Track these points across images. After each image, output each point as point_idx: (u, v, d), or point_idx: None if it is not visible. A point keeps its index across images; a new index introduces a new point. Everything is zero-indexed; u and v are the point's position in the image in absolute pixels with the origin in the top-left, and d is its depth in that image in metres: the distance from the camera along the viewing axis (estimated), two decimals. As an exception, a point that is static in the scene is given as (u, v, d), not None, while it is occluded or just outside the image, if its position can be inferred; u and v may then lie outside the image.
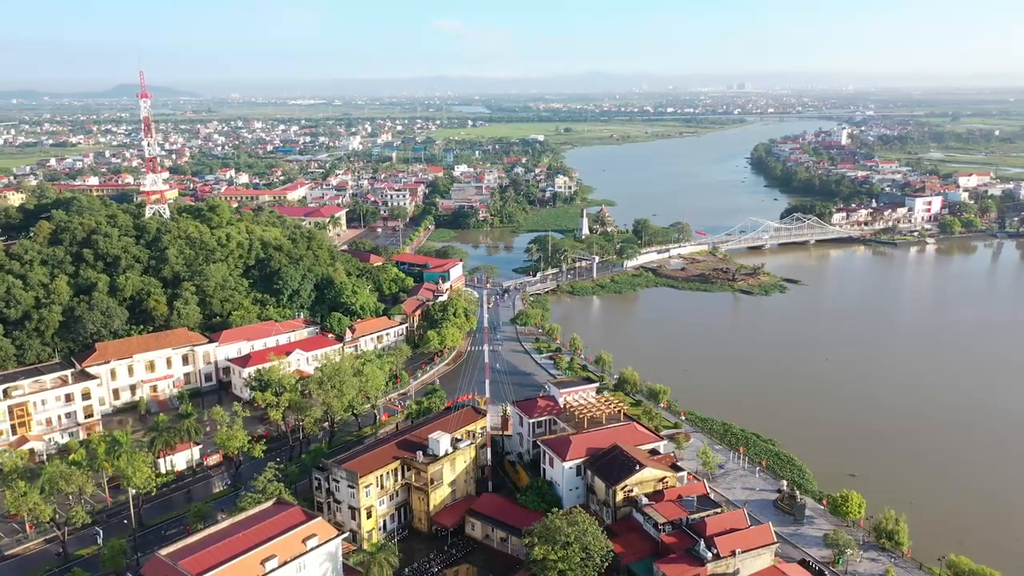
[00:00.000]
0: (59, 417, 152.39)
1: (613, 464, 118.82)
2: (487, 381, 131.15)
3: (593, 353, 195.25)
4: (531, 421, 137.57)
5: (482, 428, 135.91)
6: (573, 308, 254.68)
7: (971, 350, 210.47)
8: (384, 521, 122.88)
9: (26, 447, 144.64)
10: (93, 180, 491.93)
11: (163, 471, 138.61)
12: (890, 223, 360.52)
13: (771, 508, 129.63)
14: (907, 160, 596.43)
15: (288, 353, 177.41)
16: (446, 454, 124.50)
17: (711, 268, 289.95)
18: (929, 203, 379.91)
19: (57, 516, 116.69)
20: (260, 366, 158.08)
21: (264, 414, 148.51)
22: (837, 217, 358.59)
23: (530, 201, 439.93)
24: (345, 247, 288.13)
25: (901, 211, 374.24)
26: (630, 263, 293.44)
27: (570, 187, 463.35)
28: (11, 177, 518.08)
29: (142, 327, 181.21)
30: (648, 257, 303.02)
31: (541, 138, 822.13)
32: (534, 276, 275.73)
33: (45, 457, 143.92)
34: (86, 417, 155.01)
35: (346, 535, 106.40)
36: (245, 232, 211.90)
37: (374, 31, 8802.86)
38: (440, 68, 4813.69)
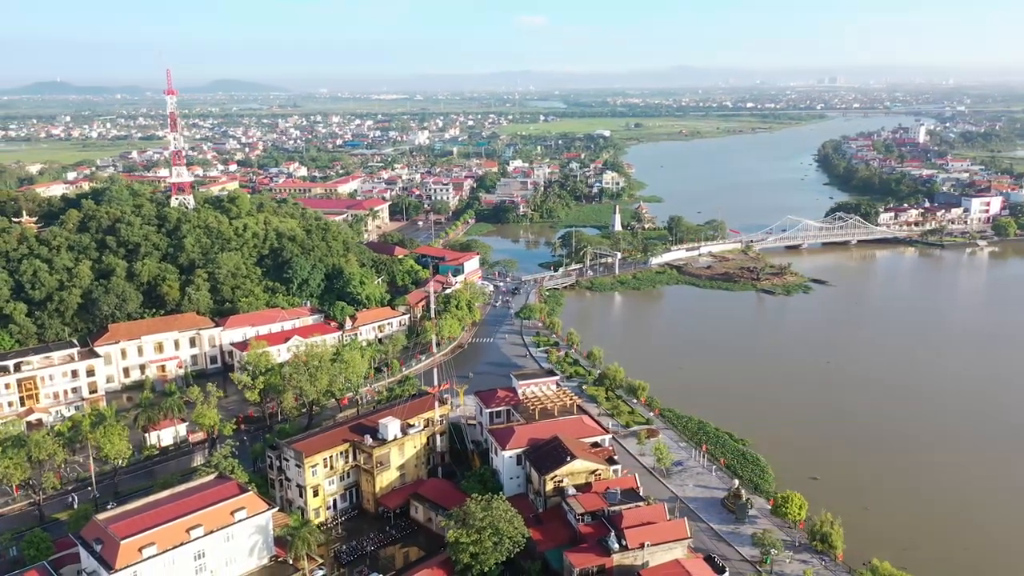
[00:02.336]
0: (65, 391, 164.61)
1: (548, 455, 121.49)
2: (435, 371, 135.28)
3: (589, 348, 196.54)
4: (488, 411, 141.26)
5: (441, 416, 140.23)
6: (586, 304, 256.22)
7: (993, 359, 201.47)
8: (334, 500, 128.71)
9: (33, 418, 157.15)
10: (164, 171, 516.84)
11: (149, 445, 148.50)
12: (942, 224, 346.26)
13: (718, 506, 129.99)
14: (983, 158, 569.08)
15: (287, 339, 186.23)
16: (395, 439, 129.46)
17: (738, 267, 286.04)
18: (987, 204, 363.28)
19: (44, 481, 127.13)
20: (250, 351, 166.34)
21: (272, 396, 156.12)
22: (884, 217, 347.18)
23: (576, 197, 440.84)
24: (375, 239, 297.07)
25: (956, 211, 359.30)
26: (656, 260, 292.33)
27: (618, 183, 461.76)
28: (93, 168, 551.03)
29: (155, 310, 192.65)
30: (676, 254, 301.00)
31: (607, 133, 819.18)
32: (555, 271, 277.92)
33: (50, 428, 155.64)
34: (91, 392, 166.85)
35: (275, 509, 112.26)
36: (262, 223, 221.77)
37: (461, 27, 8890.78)
38: (524, 63, 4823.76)
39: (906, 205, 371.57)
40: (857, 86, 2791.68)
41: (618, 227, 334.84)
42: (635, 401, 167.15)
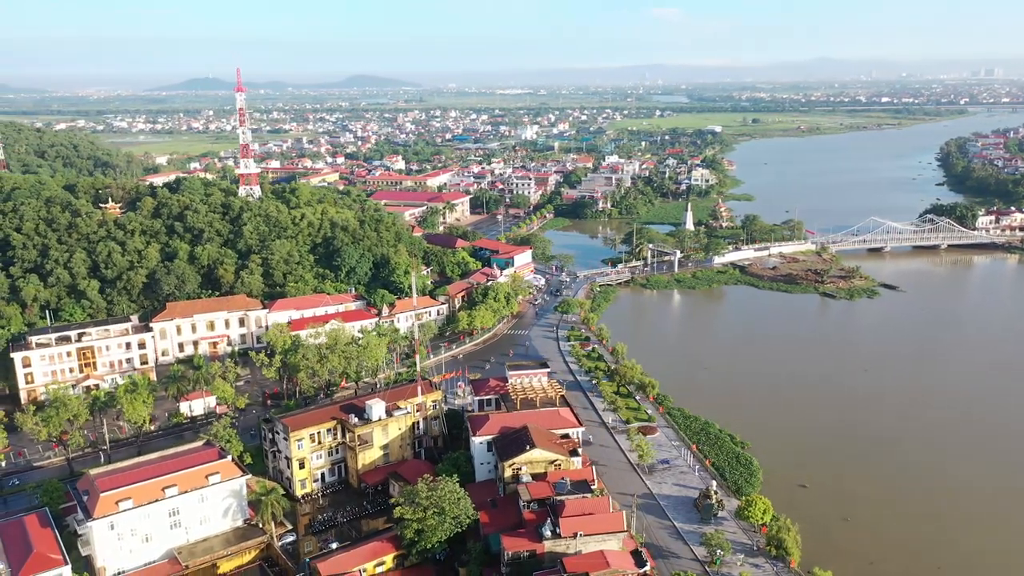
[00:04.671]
0: (120, 362, 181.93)
1: (511, 443, 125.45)
2: (417, 358, 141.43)
3: (621, 343, 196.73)
4: (477, 398, 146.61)
5: (433, 401, 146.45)
6: (636, 301, 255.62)
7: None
8: (322, 473, 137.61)
9: (90, 383, 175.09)
10: (275, 163, 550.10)
11: (180, 413, 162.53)
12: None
13: (690, 505, 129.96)
14: None
15: (325, 323, 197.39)
16: (379, 419, 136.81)
17: (805, 269, 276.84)
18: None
19: (70, 439, 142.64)
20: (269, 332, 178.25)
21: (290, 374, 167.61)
22: (983, 220, 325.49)
23: (663, 194, 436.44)
24: (442, 231, 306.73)
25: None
26: (720, 259, 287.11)
27: (707, 180, 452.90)
28: (215, 159, 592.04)
29: (212, 291, 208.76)
30: (744, 254, 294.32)
31: (717, 129, 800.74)
32: (613, 267, 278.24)
33: (103, 393, 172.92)
34: (142, 363, 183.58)
35: (249, 476, 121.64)
36: (319, 213, 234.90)
37: (592, 21, 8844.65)
38: (656, 57, 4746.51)
39: (1012, 208, 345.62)
40: (1016, 79, 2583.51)
41: (689, 225, 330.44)
42: (639, 397, 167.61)
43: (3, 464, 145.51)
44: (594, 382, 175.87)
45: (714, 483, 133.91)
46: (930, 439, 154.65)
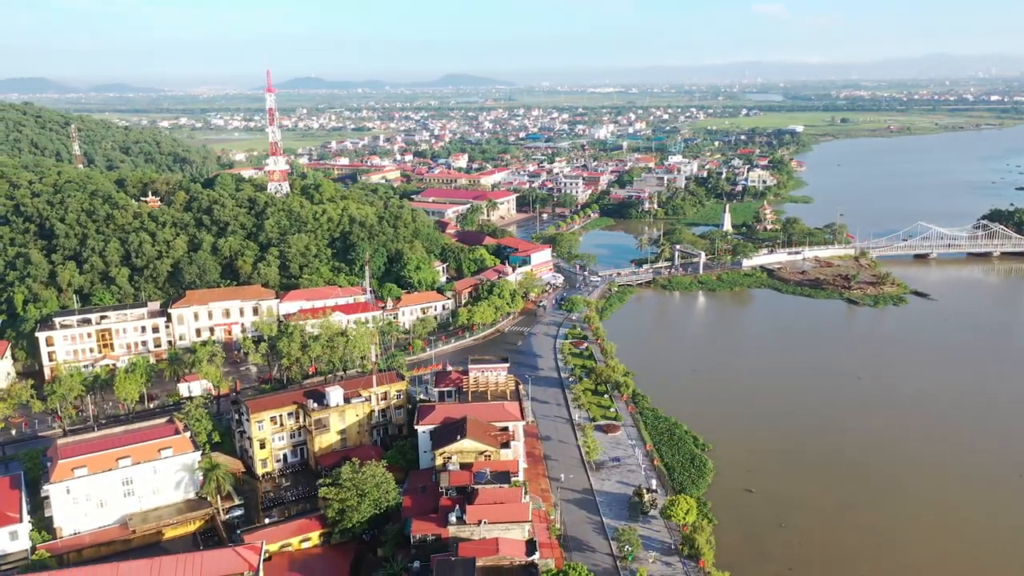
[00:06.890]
0: (136, 344, 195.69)
1: (447, 433, 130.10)
2: (374, 350, 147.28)
3: (611, 343, 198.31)
4: (437, 390, 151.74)
5: (397, 391, 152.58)
6: (652, 302, 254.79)
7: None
8: (284, 454, 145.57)
9: (108, 362, 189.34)
10: (344, 160, 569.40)
11: (176, 392, 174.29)
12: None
13: (625, 502, 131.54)
14: None
15: (331, 314, 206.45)
16: (336, 406, 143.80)
17: (835, 273, 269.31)
18: None
19: (63, 413, 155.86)
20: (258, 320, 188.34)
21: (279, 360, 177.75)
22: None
23: (717, 195, 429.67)
24: (474, 229, 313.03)
25: None
26: (749, 262, 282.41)
27: (764, 181, 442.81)
28: (291, 156, 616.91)
29: (231, 281, 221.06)
30: (776, 257, 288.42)
31: (798, 129, 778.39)
32: (639, 267, 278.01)
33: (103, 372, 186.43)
34: (155, 346, 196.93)
35: (200, 452, 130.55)
36: (340, 209, 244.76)
37: (693, 17, 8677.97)
38: (757, 54, 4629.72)
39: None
40: None
41: (727, 226, 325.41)
42: (613, 395, 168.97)
43: (13, 432, 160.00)
44: (570, 379, 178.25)
45: (654, 481, 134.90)
46: (898, 453, 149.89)
